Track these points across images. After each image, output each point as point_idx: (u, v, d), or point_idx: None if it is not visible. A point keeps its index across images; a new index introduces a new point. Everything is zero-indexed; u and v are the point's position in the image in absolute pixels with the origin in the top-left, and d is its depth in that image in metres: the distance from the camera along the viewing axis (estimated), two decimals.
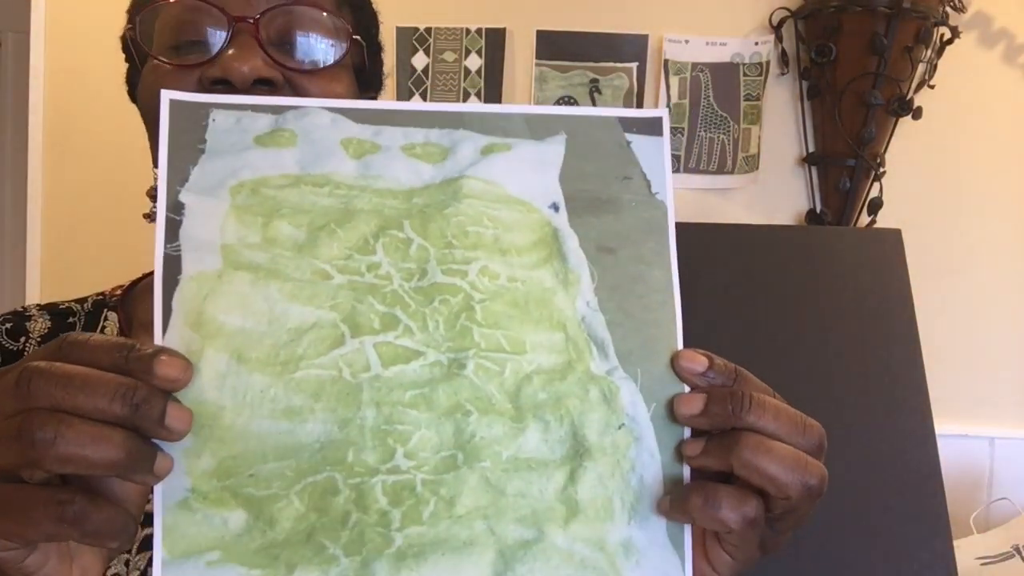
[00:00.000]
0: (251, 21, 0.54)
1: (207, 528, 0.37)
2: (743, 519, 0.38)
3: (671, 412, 0.41)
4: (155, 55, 0.56)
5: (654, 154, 0.46)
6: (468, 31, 1.54)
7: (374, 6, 0.66)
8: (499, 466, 0.40)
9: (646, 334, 0.43)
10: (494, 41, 1.54)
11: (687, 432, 0.42)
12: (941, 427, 1.05)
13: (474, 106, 0.45)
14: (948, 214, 1.53)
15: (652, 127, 0.46)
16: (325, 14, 0.57)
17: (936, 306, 1.46)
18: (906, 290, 1.10)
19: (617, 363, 0.42)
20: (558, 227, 0.44)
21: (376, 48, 0.66)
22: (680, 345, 0.43)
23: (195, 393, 0.39)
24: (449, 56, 1.54)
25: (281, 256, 0.41)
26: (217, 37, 0.54)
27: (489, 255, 0.43)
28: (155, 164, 0.62)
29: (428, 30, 1.54)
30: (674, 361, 0.42)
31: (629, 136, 0.46)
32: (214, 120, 0.42)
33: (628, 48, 1.53)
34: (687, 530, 0.41)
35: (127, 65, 0.64)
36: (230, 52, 0.54)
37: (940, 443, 1.03)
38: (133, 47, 0.60)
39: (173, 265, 0.40)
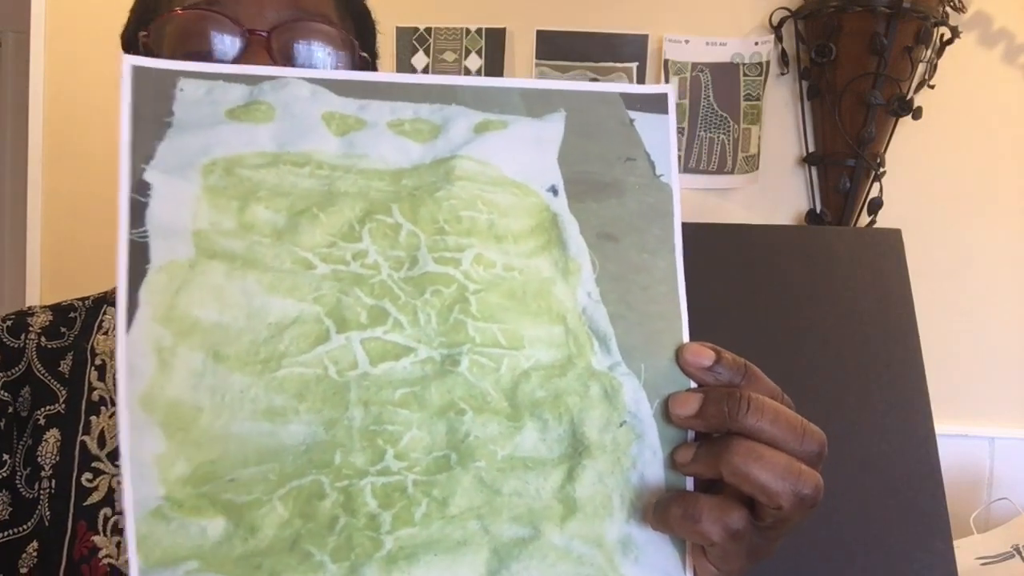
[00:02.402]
0: (264, 34, 0.54)
1: (183, 537, 0.35)
2: (725, 532, 0.36)
3: None
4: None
5: (659, 133, 0.43)
6: (468, 31, 1.54)
7: (373, 17, 0.66)
8: (494, 466, 0.38)
9: (650, 327, 0.40)
10: (494, 41, 1.54)
11: (691, 434, 0.40)
12: (941, 427, 1.05)
13: (468, 79, 0.42)
14: (948, 214, 1.53)
15: (657, 104, 0.43)
16: (334, 29, 0.57)
17: (936, 306, 1.46)
18: (906, 290, 1.10)
19: (620, 358, 0.40)
20: (557, 212, 0.41)
21: (375, 59, 0.67)
22: (686, 338, 0.40)
23: (170, 394, 0.36)
24: (449, 56, 1.54)
25: (259, 244, 0.38)
26: (229, 48, 0.54)
27: (484, 242, 0.40)
28: None
29: (428, 30, 1.54)
30: (679, 355, 0.40)
31: (632, 114, 0.43)
32: (182, 90, 0.38)
33: (628, 48, 1.53)
34: None
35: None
36: (243, 63, 0.54)
37: (940, 443, 1.03)
38: (146, 54, 0.60)
39: (139, 253, 0.36)
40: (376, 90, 0.41)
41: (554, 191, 0.42)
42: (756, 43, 1.53)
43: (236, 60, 0.54)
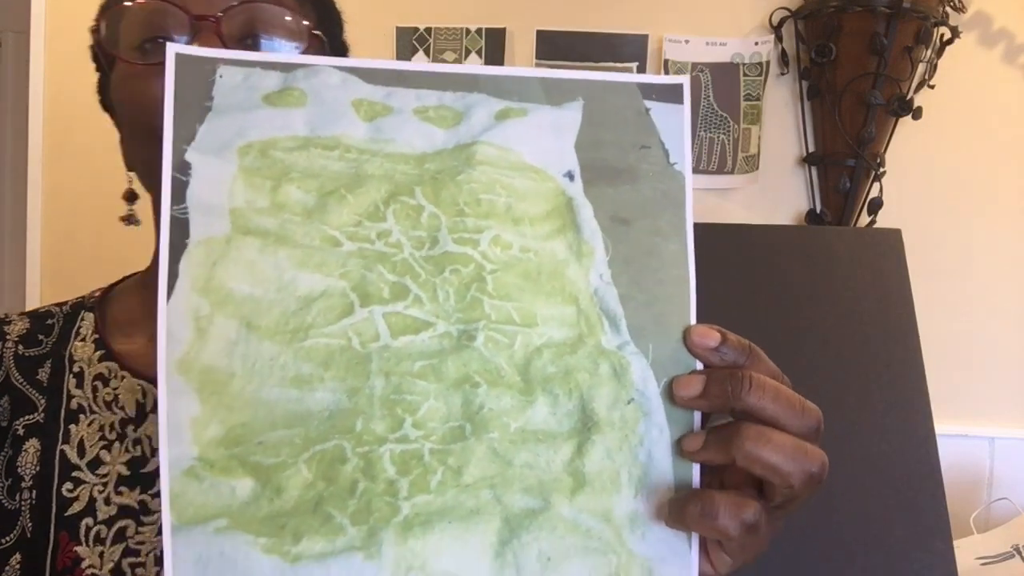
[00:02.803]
0: (212, 20, 0.54)
1: (214, 496, 0.37)
2: (742, 526, 0.37)
3: None
4: (121, 56, 0.56)
5: (673, 122, 0.44)
6: (468, 31, 1.54)
7: (338, 7, 0.66)
8: (507, 437, 0.40)
9: (659, 309, 0.42)
10: (494, 41, 1.54)
11: (697, 413, 0.41)
12: (941, 427, 1.05)
13: (489, 68, 0.44)
14: (948, 214, 1.53)
15: (672, 94, 0.45)
16: (286, 11, 0.57)
17: (936, 306, 1.46)
18: (906, 290, 1.10)
19: (628, 338, 0.41)
20: (573, 196, 0.43)
21: (341, 49, 0.66)
22: (693, 321, 0.42)
23: (206, 360, 0.38)
24: (449, 56, 1.54)
25: (290, 222, 0.40)
26: (179, 36, 0.55)
27: (502, 224, 0.42)
28: (128, 167, 0.61)
29: (428, 30, 1.54)
30: (686, 336, 0.41)
31: (648, 103, 0.44)
32: (221, 76, 0.41)
33: (628, 48, 1.53)
34: None
35: (98, 75, 0.64)
36: None
37: (940, 443, 1.03)
38: (99, 51, 0.60)
39: (180, 228, 0.39)
40: (402, 78, 0.43)
41: (570, 176, 0.43)
42: (756, 43, 1.53)
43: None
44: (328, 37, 0.62)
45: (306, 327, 0.39)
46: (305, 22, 0.58)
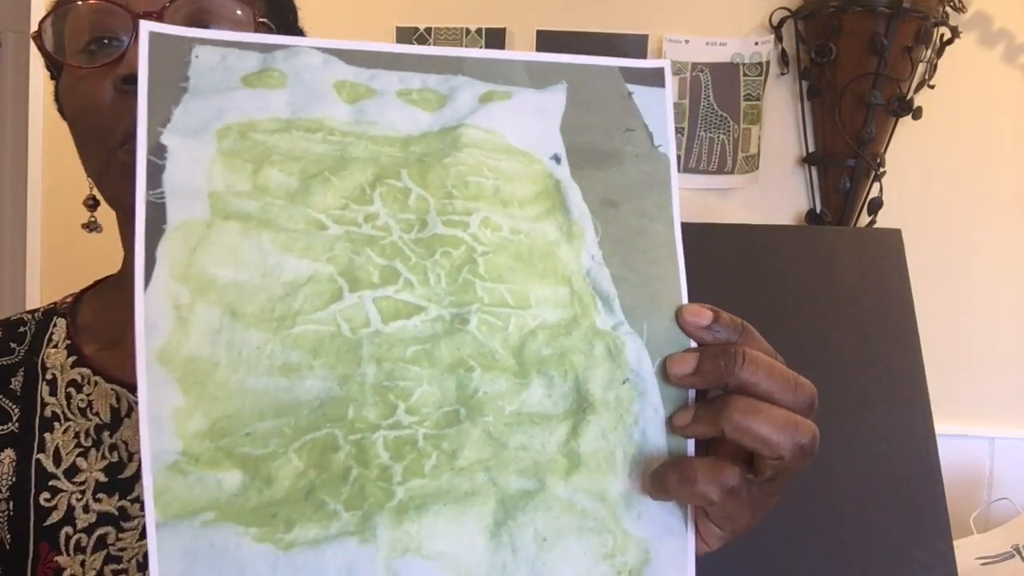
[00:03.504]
0: (155, 14, 0.53)
1: (200, 490, 0.36)
2: (721, 490, 0.37)
3: None
4: (68, 61, 0.55)
5: (656, 106, 0.44)
6: (468, 31, 1.54)
7: None
8: (502, 420, 0.39)
9: (651, 289, 0.42)
10: (494, 41, 1.54)
11: (691, 391, 0.41)
12: (941, 427, 1.05)
13: (473, 51, 0.44)
14: (948, 214, 1.53)
15: (654, 78, 0.45)
16: (230, 1, 0.55)
17: (936, 306, 1.46)
18: (906, 290, 1.10)
19: (623, 318, 0.41)
20: (560, 179, 0.43)
21: (295, 35, 0.64)
22: (684, 300, 0.42)
23: (187, 350, 0.37)
24: None
25: (273, 205, 0.39)
26: (124, 35, 0.53)
27: (491, 206, 0.41)
28: (88, 174, 0.60)
29: (428, 30, 1.54)
30: (679, 315, 0.41)
31: (631, 87, 0.44)
32: (197, 57, 0.40)
33: (628, 48, 1.53)
34: None
35: (53, 84, 0.62)
36: (135, 47, 0.51)
37: (940, 443, 1.03)
38: (46, 57, 0.58)
39: (156, 213, 0.37)
40: (385, 60, 0.42)
41: (557, 159, 0.43)
42: (756, 43, 1.53)
43: (129, 45, 0.53)
44: (277, 24, 0.60)
45: (293, 314, 0.38)
46: (247, 10, 0.56)
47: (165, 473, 0.36)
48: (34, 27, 0.56)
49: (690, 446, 0.41)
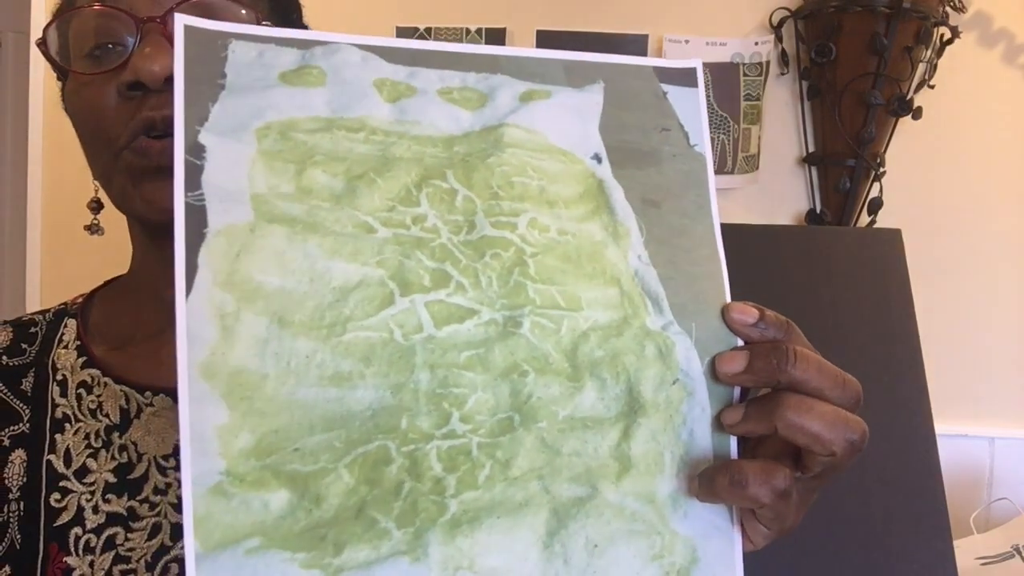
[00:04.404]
0: (158, 20, 0.52)
1: (245, 514, 0.33)
2: (773, 493, 0.37)
3: None
4: (72, 67, 0.55)
5: (690, 105, 0.45)
6: (468, 31, 1.54)
7: None
8: (555, 426, 0.38)
9: (697, 288, 0.41)
10: (494, 41, 1.53)
11: (736, 389, 0.41)
12: (941, 427, 1.05)
13: (510, 49, 0.43)
14: (948, 214, 1.53)
15: (687, 78, 0.45)
16: (232, 4, 0.55)
17: (936, 306, 1.46)
18: (906, 290, 1.10)
19: (672, 318, 0.41)
20: (603, 179, 0.42)
21: None
22: (728, 298, 0.42)
23: (234, 362, 0.34)
24: None
25: (318, 208, 0.38)
26: (129, 41, 0.53)
27: (537, 207, 0.41)
28: (95, 176, 0.59)
29: (428, 30, 1.54)
30: (725, 314, 0.41)
31: (665, 87, 0.45)
32: (234, 52, 0.38)
33: (628, 48, 1.53)
34: None
35: (60, 83, 0.62)
36: (139, 53, 0.52)
37: (940, 443, 1.03)
38: (50, 62, 0.58)
39: (196, 216, 0.35)
40: (424, 58, 0.41)
41: (598, 159, 0.43)
42: (756, 43, 1.53)
43: (133, 51, 0.52)
44: (282, 25, 0.59)
45: (343, 320, 0.36)
46: (250, 12, 0.55)
47: (207, 497, 0.33)
48: (34, 27, 0.56)
49: (732, 443, 0.41)
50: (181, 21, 0.37)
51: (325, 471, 0.35)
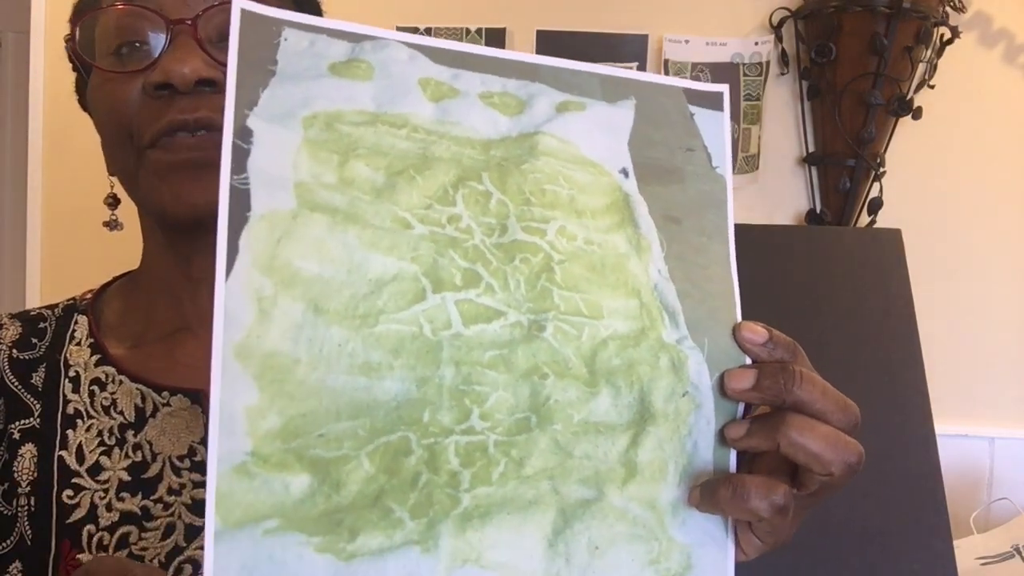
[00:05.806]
0: (189, 22, 0.53)
1: (266, 494, 0.34)
2: (772, 507, 0.38)
3: None
4: (98, 64, 0.56)
5: (715, 128, 0.46)
6: (468, 31, 1.54)
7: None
8: (569, 429, 0.39)
9: (711, 305, 0.43)
10: (494, 41, 1.54)
11: (741, 404, 0.42)
12: (941, 427, 1.05)
13: (549, 59, 0.44)
14: (948, 214, 1.53)
15: (714, 101, 0.46)
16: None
17: (936, 306, 1.46)
18: (906, 290, 1.10)
19: (687, 332, 0.42)
20: (629, 193, 0.43)
21: None
22: (739, 317, 0.43)
23: (269, 345, 0.35)
24: None
25: (359, 200, 0.38)
26: (157, 41, 0.53)
27: (566, 215, 0.42)
28: (110, 171, 0.60)
29: (428, 30, 1.54)
30: (736, 332, 0.42)
31: (692, 108, 0.46)
32: (286, 39, 0.39)
33: (628, 48, 1.53)
34: None
35: (75, 75, 0.63)
36: (170, 55, 0.52)
37: (940, 443, 1.03)
38: (75, 58, 0.59)
39: (240, 199, 0.36)
40: (467, 61, 0.42)
41: (625, 173, 0.44)
42: (756, 43, 1.53)
43: (163, 52, 0.53)
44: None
45: (376, 312, 0.37)
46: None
47: (231, 476, 0.34)
48: (34, 27, 0.57)
49: (732, 456, 0.42)
50: (238, 5, 0.38)
51: (347, 458, 0.36)
